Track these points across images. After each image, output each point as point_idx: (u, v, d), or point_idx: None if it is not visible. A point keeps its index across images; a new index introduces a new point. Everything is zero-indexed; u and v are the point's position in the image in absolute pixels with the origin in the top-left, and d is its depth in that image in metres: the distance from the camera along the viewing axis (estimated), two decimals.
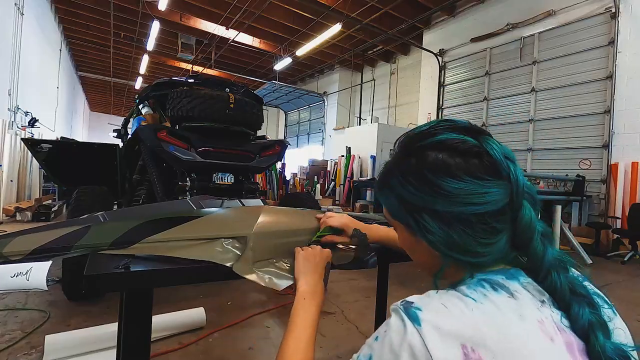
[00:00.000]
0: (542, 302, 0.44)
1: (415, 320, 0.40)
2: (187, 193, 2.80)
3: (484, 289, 0.43)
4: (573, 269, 0.50)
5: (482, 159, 0.46)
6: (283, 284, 0.80)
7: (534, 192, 0.47)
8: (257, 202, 1.67)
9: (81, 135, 18.99)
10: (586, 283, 0.49)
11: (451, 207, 0.46)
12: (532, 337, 0.39)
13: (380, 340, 0.42)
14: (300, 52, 10.20)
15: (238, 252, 0.81)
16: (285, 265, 0.86)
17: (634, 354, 0.44)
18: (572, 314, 0.43)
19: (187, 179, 2.86)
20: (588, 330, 0.42)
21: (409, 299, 0.43)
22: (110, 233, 0.82)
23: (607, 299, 0.51)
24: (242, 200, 1.35)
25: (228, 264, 0.78)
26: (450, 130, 0.49)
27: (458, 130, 0.49)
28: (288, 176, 10.91)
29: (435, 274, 0.52)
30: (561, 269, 0.46)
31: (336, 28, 8.39)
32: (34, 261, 0.73)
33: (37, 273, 0.67)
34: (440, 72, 8.82)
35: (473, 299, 0.42)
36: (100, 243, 0.79)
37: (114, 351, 1.62)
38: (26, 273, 0.67)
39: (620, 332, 0.48)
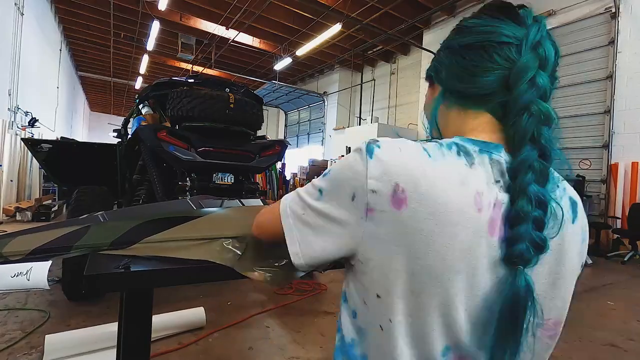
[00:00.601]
0: (497, 181, 0.46)
1: (369, 153, 0.46)
2: (187, 193, 2.80)
3: (447, 150, 0.46)
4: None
5: (511, 10, 0.51)
6: (284, 282, 0.79)
7: (550, 56, 0.48)
8: (257, 201, 1.64)
9: (81, 135, 19.00)
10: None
11: (463, 39, 0.53)
12: (460, 201, 0.43)
13: (339, 161, 0.50)
14: (300, 52, 10.20)
15: (238, 252, 0.81)
16: (284, 262, 0.84)
17: (560, 212, 0.46)
18: (518, 154, 0.45)
19: (187, 179, 2.86)
20: (521, 167, 0.45)
21: (379, 138, 0.48)
22: (110, 233, 0.82)
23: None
24: (242, 200, 1.35)
25: (229, 264, 0.77)
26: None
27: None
28: (288, 176, 10.92)
29: (431, 113, 0.59)
30: (536, 118, 0.45)
31: (336, 28, 8.39)
32: (34, 261, 0.73)
33: (38, 273, 0.68)
34: None
35: (428, 154, 0.45)
36: (100, 243, 0.79)
37: (114, 351, 1.62)
38: (26, 273, 0.68)
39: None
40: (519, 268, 0.43)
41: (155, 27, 9.15)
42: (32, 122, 7.65)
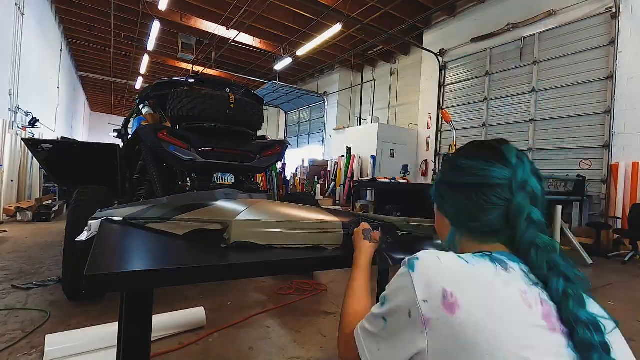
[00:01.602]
0: (535, 283, 0.50)
1: (411, 267, 0.51)
2: (188, 192, 2.80)
3: (481, 259, 0.52)
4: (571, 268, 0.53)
5: (495, 152, 0.60)
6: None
7: (537, 191, 0.56)
8: (263, 196, 2.19)
9: (81, 135, 19.00)
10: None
11: (460, 178, 0.61)
12: (509, 299, 0.47)
13: (390, 284, 0.55)
14: (301, 52, 10.20)
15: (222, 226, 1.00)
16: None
17: (607, 324, 0.48)
18: (549, 285, 0.49)
19: (188, 179, 2.87)
20: (562, 297, 0.48)
21: (418, 253, 0.54)
22: (159, 211, 1.20)
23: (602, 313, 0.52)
24: (251, 194, 1.72)
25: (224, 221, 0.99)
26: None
27: (492, 140, 0.65)
28: (288, 176, 10.91)
29: (446, 241, 0.66)
30: (544, 250, 0.52)
31: (336, 28, 8.39)
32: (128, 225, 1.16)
33: (92, 227, 1.09)
34: (440, 72, 8.82)
35: (466, 261, 0.51)
36: (153, 217, 1.15)
37: (114, 351, 1.62)
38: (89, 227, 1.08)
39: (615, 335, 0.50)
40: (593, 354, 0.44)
41: (156, 27, 9.16)
42: (33, 122, 7.66)
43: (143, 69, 13.19)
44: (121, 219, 1.19)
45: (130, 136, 3.49)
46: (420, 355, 0.48)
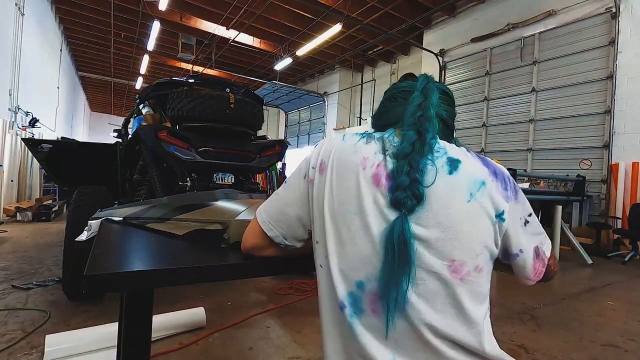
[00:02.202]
0: (385, 151, 0.63)
1: (316, 146, 0.72)
2: (188, 192, 2.80)
3: (355, 137, 0.68)
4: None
5: (408, 76, 0.79)
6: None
7: (431, 98, 0.67)
8: (262, 196, 1.95)
9: (81, 135, 19.00)
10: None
11: (385, 95, 0.79)
12: (351, 163, 0.63)
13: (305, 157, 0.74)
14: (301, 52, 10.20)
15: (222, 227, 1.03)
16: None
17: (435, 169, 0.60)
18: (403, 137, 0.63)
19: (188, 179, 2.86)
20: (403, 141, 0.63)
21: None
22: (160, 211, 1.21)
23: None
24: (252, 194, 1.70)
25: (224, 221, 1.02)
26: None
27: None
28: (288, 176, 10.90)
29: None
30: (421, 118, 0.64)
31: (336, 28, 8.39)
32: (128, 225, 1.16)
33: (92, 227, 1.08)
34: (440, 72, 8.82)
35: (343, 139, 0.69)
36: (153, 217, 1.17)
37: (114, 351, 1.62)
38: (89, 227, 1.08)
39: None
40: (402, 212, 0.56)
41: (156, 27, 9.16)
42: (33, 122, 7.66)
43: (143, 69, 13.19)
44: (121, 219, 1.19)
45: (130, 136, 3.49)
46: (306, 203, 0.69)
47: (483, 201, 0.59)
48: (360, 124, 11.27)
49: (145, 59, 12.24)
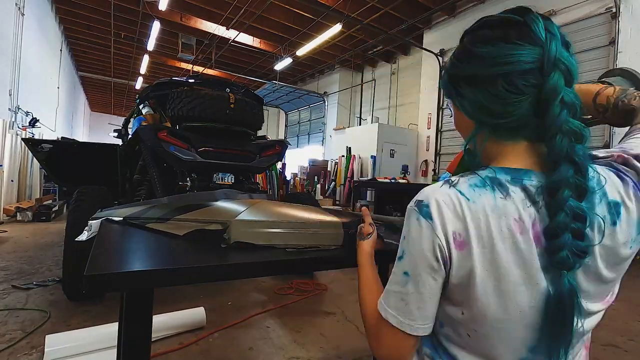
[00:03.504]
0: (535, 202, 0.50)
1: (426, 215, 0.53)
2: (188, 193, 2.80)
3: (482, 190, 0.52)
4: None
5: (521, 29, 0.51)
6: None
7: (572, 66, 0.50)
8: (262, 196, 2.20)
9: (82, 135, 19.01)
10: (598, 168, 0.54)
11: (482, 70, 0.53)
12: (502, 230, 0.50)
13: (406, 238, 0.56)
14: (301, 52, 10.20)
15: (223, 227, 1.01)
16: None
17: (600, 221, 0.50)
18: (555, 173, 0.49)
19: (188, 179, 2.87)
20: (558, 185, 0.48)
21: (419, 197, 0.55)
22: (160, 211, 1.20)
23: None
24: (252, 194, 1.72)
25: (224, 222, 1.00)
26: (502, 12, 0.55)
27: (509, 10, 0.54)
28: (288, 176, 10.92)
29: (467, 140, 0.61)
30: (571, 136, 0.48)
31: (336, 28, 8.39)
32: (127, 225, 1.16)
33: (92, 227, 1.09)
34: (440, 72, 8.81)
35: (467, 198, 0.52)
36: (153, 217, 1.16)
37: (114, 351, 1.62)
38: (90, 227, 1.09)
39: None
40: (562, 272, 0.48)
41: (156, 27, 9.16)
42: (33, 122, 7.66)
43: (143, 69, 13.19)
44: (121, 219, 1.20)
45: (130, 136, 3.49)
46: (446, 294, 0.55)
47: (638, 240, 0.54)
48: (360, 124, 11.26)
49: (145, 59, 12.24)
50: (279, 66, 11.49)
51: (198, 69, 13.09)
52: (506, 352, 0.52)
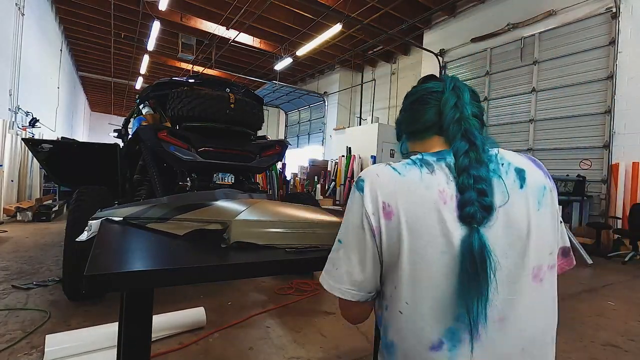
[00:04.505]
0: (455, 178, 0.60)
1: (360, 189, 0.63)
2: (188, 192, 2.80)
3: (411, 165, 0.63)
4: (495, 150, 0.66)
5: (432, 76, 0.79)
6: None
7: (464, 96, 0.69)
8: (262, 196, 2.25)
9: (82, 135, 19.01)
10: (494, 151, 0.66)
11: (407, 101, 0.77)
12: (428, 201, 0.58)
13: (347, 207, 0.66)
14: (301, 52, 10.20)
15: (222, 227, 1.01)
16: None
17: (501, 196, 0.59)
18: (453, 150, 0.63)
19: (188, 179, 2.86)
20: (456, 155, 0.62)
21: (360, 173, 0.66)
22: (160, 211, 1.20)
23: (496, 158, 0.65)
24: (252, 194, 1.76)
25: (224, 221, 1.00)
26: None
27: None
28: (288, 176, 10.91)
29: (400, 147, 0.80)
30: (458, 123, 0.65)
31: (336, 28, 8.39)
32: (127, 225, 1.17)
33: (92, 227, 1.10)
34: (440, 72, 8.81)
35: (398, 172, 0.62)
36: (153, 217, 1.16)
37: (114, 351, 1.62)
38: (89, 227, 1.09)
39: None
40: (473, 226, 0.56)
41: (156, 27, 9.16)
42: (33, 122, 7.66)
43: (143, 69, 13.19)
44: (121, 219, 1.20)
45: (130, 136, 3.49)
46: (374, 255, 0.62)
47: (548, 204, 0.63)
48: (360, 124, 11.26)
49: (145, 59, 12.24)
50: (279, 66, 11.49)
51: (198, 69, 13.09)
52: (435, 322, 0.56)
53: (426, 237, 0.56)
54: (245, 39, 10.77)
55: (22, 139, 4.83)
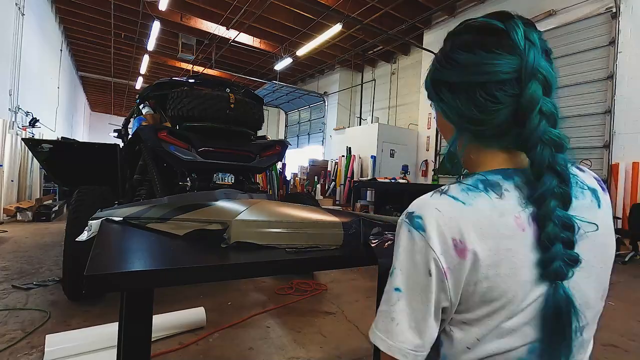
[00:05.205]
0: (528, 205, 0.49)
1: (419, 227, 0.50)
2: (188, 192, 2.80)
3: (476, 193, 0.50)
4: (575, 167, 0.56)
5: (500, 37, 0.51)
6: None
7: (550, 76, 0.50)
8: (263, 196, 2.23)
9: (82, 135, 19.01)
10: (578, 173, 0.55)
11: (461, 77, 0.53)
12: (506, 227, 0.48)
13: (398, 252, 0.52)
14: (301, 52, 10.20)
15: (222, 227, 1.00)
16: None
17: (585, 227, 0.50)
18: (539, 183, 0.48)
19: (188, 179, 2.87)
20: (544, 196, 0.48)
21: (410, 209, 0.53)
22: (160, 211, 1.20)
23: (594, 189, 0.55)
24: (252, 194, 1.72)
25: (224, 221, 1.00)
26: (482, 16, 0.55)
27: (491, 15, 0.54)
28: (288, 176, 10.92)
29: (448, 144, 0.61)
30: (552, 146, 0.48)
31: (336, 28, 8.39)
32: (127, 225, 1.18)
33: (92, 227, 1.10)
34: None
35: (462, 202, 0.50)
36: (153, 218, 1.16)
37: (114, 351, 1.62)
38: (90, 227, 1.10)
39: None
40: (557, 282, 0.47)
41: (156, 27, 9.16)
42: (33, 122, 7.66)
43: (143, 69, 13.19)
44: (121, 219, 1.20)
45: (130, 136, 3.49)
46: (445, 308, 0.50)
47: (612, 225, 0.55)
48: (360, 124, 11.27)
49: (145, 59, 12.24)
50: (279, 66, 11.49)
51: (198, 69, 13.09)
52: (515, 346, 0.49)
53: (512, 265, 0.48)
54: (245, 39, 10.78)
55: (22, 139, 4.83)
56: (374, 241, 0.94)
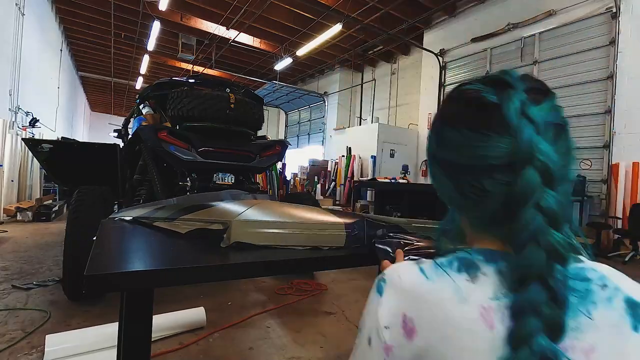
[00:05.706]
0: (506, 294, 0.39)
1: (379, 290, 0.46)
2: (188, 193, 2.80)
3: (442, 269, 0.43)
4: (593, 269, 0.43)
5: (491, 112, 0.42)
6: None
7: (550, 160, 0.39)
8: (265, 196, 2.35)
9: (82, 135, 19.00)
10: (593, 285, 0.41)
11: (447, 157, 0.46)
12: (463, 318, 0.38)
13: (366, 309, 0.48)
14: (301, 52, 10.20)
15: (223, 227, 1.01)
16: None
17: None
18: (521, 292, 0.37)
19: (188, 179, 2.86)
20: (523, 310, 0.36)
21: (385, 270, 0.48)
22: (168, 211, 1.27)
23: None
24: (255, 195, 1.79)
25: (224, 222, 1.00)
26: (479, 80, 0.47)
27: (486, 81, 0.46)
28: (288, 176, 10.92)
29: (446, 221, 0.54)
30: (548, 252, 0.38)
31: (336, 28, 8.39)
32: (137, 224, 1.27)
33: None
34: (440, 72, 8.82)
35: (426, 276, 0.43)
36: (161, 217, 1.22)
37: (114, 351, 1.62)
38: None
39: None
40: None
41: (156, 27, 9.16)
42: (33, 122, 7.66)
43: (143, 69, 13.19)
44: (131, 218, 1.30)
45: (130, 136, 3.49)
46: None
47: None
48: (360, 124, 11.27)
49: (145, 59, 12.24)
50: (279, 66, 11.49)
51: (198, 69, 13.09)
52: None
53: None
54: (245, 39, 10.78)
55: (22, 139, 4.84)
56: (379, 242, 0.93)
